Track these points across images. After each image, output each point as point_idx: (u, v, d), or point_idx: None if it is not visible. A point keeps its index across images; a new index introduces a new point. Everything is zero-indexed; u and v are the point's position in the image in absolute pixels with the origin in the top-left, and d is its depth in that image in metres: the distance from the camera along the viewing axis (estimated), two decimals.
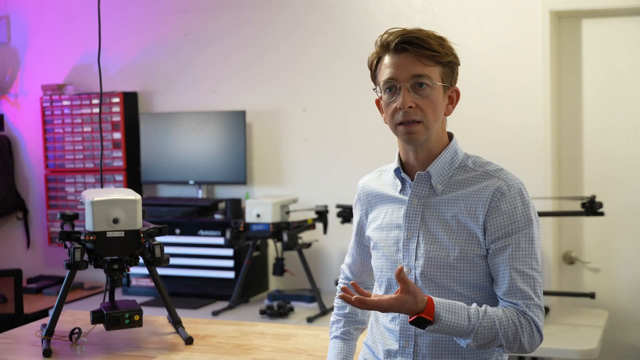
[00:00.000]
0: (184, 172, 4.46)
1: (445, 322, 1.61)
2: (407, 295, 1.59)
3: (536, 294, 1.69)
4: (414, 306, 1.60)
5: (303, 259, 3.86)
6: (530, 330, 1.67)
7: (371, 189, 1.90)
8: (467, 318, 1.63)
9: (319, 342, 2.46)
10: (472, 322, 1.63)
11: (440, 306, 1.62)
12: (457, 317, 1.62)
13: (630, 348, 3.86)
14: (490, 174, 1.74)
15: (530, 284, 1.69)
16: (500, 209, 1.69)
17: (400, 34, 1.71)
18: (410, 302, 1.60)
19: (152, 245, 2.40)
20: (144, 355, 2.38)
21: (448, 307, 1.62)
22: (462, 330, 1.62)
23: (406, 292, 1.59)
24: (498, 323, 1.64)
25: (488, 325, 1.64)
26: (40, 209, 4.88)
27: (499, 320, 1.65)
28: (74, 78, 4.79)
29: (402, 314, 1.76)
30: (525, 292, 1.68)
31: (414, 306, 1.60)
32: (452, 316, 1.62)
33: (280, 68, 4.35)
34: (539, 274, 1.71)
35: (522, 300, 1.68)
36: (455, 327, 1.62)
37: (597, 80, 3.87)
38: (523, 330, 1.66)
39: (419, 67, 1.70)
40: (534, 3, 3.81)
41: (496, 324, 1.64)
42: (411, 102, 1.70)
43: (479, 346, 1.65)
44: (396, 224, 1.80)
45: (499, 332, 1.64)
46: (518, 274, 1.68)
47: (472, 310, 1.64)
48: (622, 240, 3.86)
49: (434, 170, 1.76)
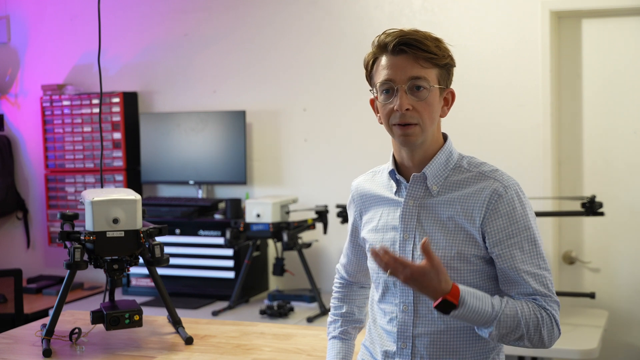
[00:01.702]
0: (184, 172, 4.46)
1: (470, 306, 1.60)
2: (430, 268, 1.57)
3: (550, 291, 1.70)
4: (437, 284, 1.58)
5: (303, 259, 3.87)
6: (551, 323, 1.68)
7: (365, 190, 1.90)
8: (490, 305, 1.62)
9: (319, 342, 2.46)
10: (496, 309, 1.62)
11: (466, 291, 1.61)
12: (481, 303, 1.61)
13: (630, 348, 3.86)
14: (485, 174, 1.74)
15: (543, 283, 1.69)
16: (498, 212, 1.69)
17: (398, 35, 1.71)
18: (432, 276, 1.57)
19: (152, 245, 2.41)
20: (144, 355, 2.38)
21: (472, 293, 1.62)
22: (486, 316, 1.62)
23: (430, 264, 1.58)
24: (520, 312, 1.64)
25: (511, 313, 1.63)
26: (40, 209, 4.88)
27: (521, 310, 1.65)
28: (74, 78, 4.79)
29: (400, 316, 1.76)
30: (540, 290, 1.69)
31: (437, 284, 1.58)
32: (477, 302, 1.61)
33: (281, 68, 4.35)
34: (548, 272, 1.71)
35: (540, 297, 1.69)
36: (479, 312, 1.61)
37: (597, 80, 3.86)
38: (544, 323, 1.67)
39: (417, 69, 1.70)
40: (534, 3, 3.81)
41: (518, 313, 1.64)
42: (408, 104, 1.70)
43: (500, 336, 1.64)
44: (392, 226, 1.80)
45: (521, 322, 1.64)
46: (529, 276, 1.68)
47: (495, 299, 1.64)
48: (622, 240, 3.86)
49: (430, 171, 1.76)
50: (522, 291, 1.69)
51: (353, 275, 2.04)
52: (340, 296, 2.05)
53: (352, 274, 2.04)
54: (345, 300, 2.04)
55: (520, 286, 1.69)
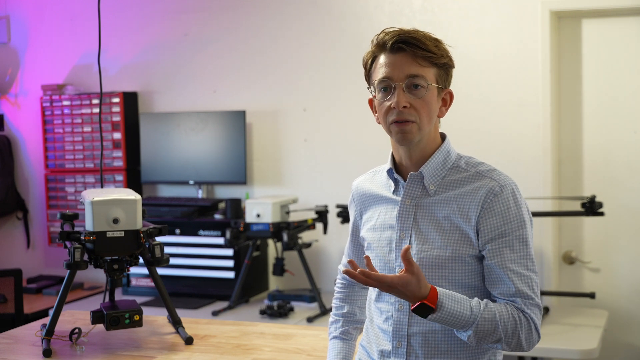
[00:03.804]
0: (184, 172, 4.46)
1: (447, 310, 1.61)
2: (411, 276, 1.58)
3: (534, 293, 1.70)
4: (417, 290, 1.59)
5: (303, 259, 3.87)
6: (529, 327, 1.68)
7: (365, 190, 1.91)
8: (469, 308, 1.63)
9: (319, 342, 2.46)
10: (474, 313, 1.63)
11: (444, 295, 1.62)
12: (459, 306, 1.62)
13: (630, 348, 3.86)
14: (482, 174, 1.74)
15: (528, 284, 1.69)
16: (493, 210, 1.69)
17: (397, 33, 1.71)
18: (413, 283, 1.59)
19: (152, 245, 2.41)
20: (144, 355, 2.38)
21: (451, 297, 1.62)
22: (464, 320, 1.62)
23: (410, 272, 1.59)
24: (499, 316, 1.65)
25: (489, 317, 1.64)
26: (40, 209, 4.88)
27: (500, 314, 1.65)
28: (74, 78, 4.79)
29: (395, 315, 1.77)
30: (523, 291, 1.68)
31: (417, 290, 1.59)
32: (454, 305, 1.61)
33: (281, 68, 4.35)
34: (535, 274, 1.71)
35: (520, 299, 1.68)
36: (457, 316, 1.62)
37: (597, 80, 3.86)
38: (522, 327, 1.67)
39: (415, 67, 1.70)
40: (534, 3, 3.81)
41: (497, 316, 1.64)
42: (406, 102, 1.70)
43: (478, 339, 1.65)
44: (389, 225, 1.80)
45: (499, 325, 1.64)
46: (515, 275, 1.68)
47: (473, 302, 1.65)
48: (622, 240, 3.86)
49: (427, 170, 1.76)
50: (505, 291, 1.69)
51: None
52: (342, 296, 2.05)
53: None
54: (346, 300, 2.04)
55: (504, 285, 1.69)
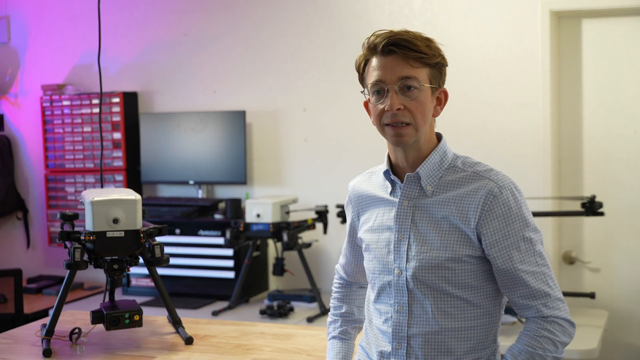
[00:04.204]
0: (184, 172, 4.46)
1: None
2: None
3: (551, 288, 1.71)
4: None
5: (303, 259, 3.87)
6: (562, 329, 1.70)
7: (362, 191, 1.90)
8: None
9: (319, 342, 2.46)
10: None
11: None
12: None
13: (630, 348, 3.86)
14: (480, 174, 1.73)
15: (542, 280, 1.70)
16: (493, 213, 1.69)
17: (387, 36, 1.71)
18: None
19: (152, 245, 2.40)
20: (144, 355, 2.38)
21: None
22: None
23: None
24: (532, 351, 1.68)
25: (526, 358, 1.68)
26: (40, 209, 4.88)
27: (531, 347, 1.68)
28: (74, 78, 4.79)
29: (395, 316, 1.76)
30: (541, 290, 1.69)
31: None
32: None
33: (281, 68, 4.35)
34: (548, 268, 1.72)
35: (540, 301, 1.69)
36: None
37: (597, 80, 3.86)
38: (555, 334, 1.69)
39: (407, 69, 1.69)
40: (534, 3, 3.81)
41: (531, 353, 1.68)
42: (399, 104, 1.69)
43: None
44: (387, 226, 1.79)
45: (541, 355, 1.67)
46: (527, 275, 1.69)
47: None
48: (622, 240, 3.86)
49: (423, 171, 1.75)
50: (523, 293, 1.70)
51: (352, 276, 2.04)
52: (340, 296, 2.05)
53: (351, 274, 2.04)
54: (344, 300, 2.04)
55: (521, 287, 1.69)
